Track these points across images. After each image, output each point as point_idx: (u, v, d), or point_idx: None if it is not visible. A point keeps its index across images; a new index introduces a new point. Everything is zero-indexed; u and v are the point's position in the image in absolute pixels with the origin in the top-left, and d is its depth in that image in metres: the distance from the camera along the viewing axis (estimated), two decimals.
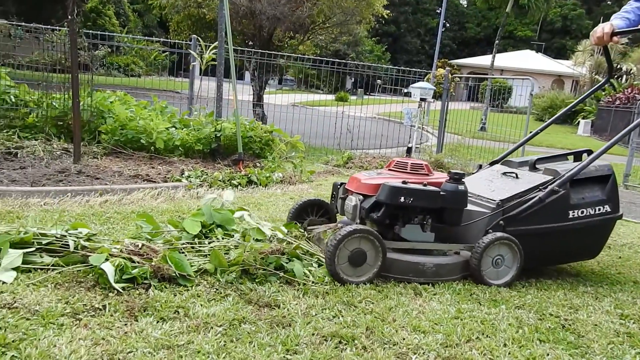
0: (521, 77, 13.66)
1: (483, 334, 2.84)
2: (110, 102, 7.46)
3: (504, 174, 4.24)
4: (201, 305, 2.83)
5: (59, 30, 8.57)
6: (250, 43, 13.69)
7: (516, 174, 4.15)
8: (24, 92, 7.17)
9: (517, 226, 3.76)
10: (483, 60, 39.86)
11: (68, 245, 3.29)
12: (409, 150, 4.36)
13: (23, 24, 7.73)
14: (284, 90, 24.19)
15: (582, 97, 5.10)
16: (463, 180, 3.70)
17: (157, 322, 2.61)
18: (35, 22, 8.52)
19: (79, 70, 6.19)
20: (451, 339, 2.73)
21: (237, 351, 2.40)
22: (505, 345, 2.75)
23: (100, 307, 2.69)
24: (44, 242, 3.29)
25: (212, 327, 2.59)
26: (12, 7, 21.07)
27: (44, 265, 3.10)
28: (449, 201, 3.61)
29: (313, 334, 2.63)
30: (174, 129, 7.45)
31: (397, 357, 2.50)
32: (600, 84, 4.82)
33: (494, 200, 3.82)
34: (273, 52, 11.19)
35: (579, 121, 27.32)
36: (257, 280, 3.21)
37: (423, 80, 12.09)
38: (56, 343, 2.30)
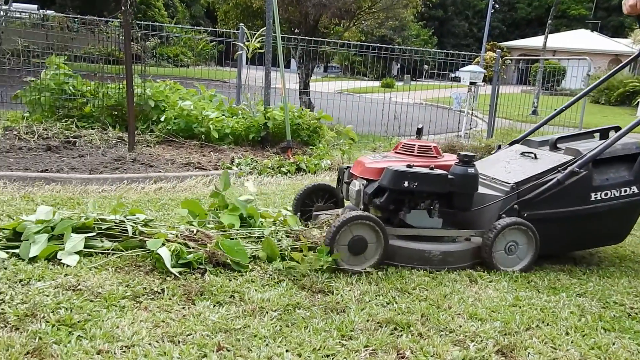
0: (577, 58, 13.12)
1: (543, 322, 2.76)
2: (162, 90, 7.63)
3: (523, 154, 3.99)
4: (256, 290, 2.86)
5: (112, 22, 8.80)
6: (297, 30, 13.68)
7: (534, 155, 3.89)
8: (81, 83, 7.41)
9: (533, 210, 3.54)
10: (534, 42, 38.52)
11: (127, 230, 3.39)
12: (418, 132, 4.09)
13: (79, 16, 7.96)
14: (329, 77, 24.12)
15: (610, 73, 4.69)
16: (473, 162, 3.48)
17: (214, 306, 2.65)
18: (89, 15, 8.77)
19: (132, 61, 6.34)
20: (510, 326, 2.66)
21: (292, 336, 2.41)
22: (567, 333, 2.65)
23: (159, 290, 2.76)
24: (103, 227, 3.41)
25: (267, 312, 2.62)
26: (68, 0, 21.81)
27: (105, 250, 3.20)
28: (457, 185, 3.41)
29: (368, 320, 2.61)
30: (223, 117, 7.54)
31: (454, 344, 2.46)
32: (631, 58, 4.45)
33: (508, 183, 3.61)
34: (319, 39, 11.15)
35: (638, 101, 26.02)
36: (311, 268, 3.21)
37: (472, 64, 11.80)
38: (119, 324, 2.38)
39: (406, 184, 3.32)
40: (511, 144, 4.37)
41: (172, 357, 2.16)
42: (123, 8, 5.73)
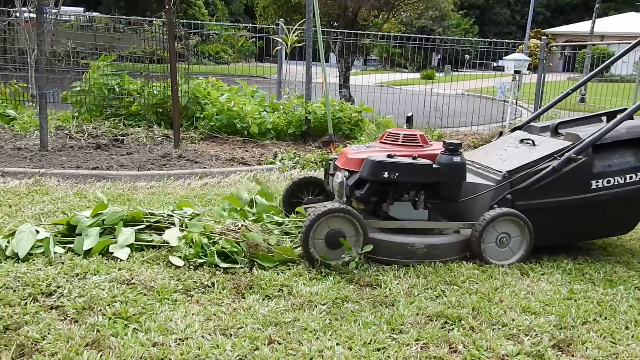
0: (627, 42, 12.60)
1: (600, 316, 2.66)
2: (204, 88, 7.74)
3: (522, 141, 3.79)
4: (303, 284, 2.87)
5: (154, 22, 8.98)
6: (335, 24, 13.64)
7: (532, 141, 3.69)
8: (127, 82, 7.59)
9: (528, 200, 3.36)
10: (581, 27, 37.18)
11: (174, 224, 3.47)
12: (408, 120, 3.87)
13: (124, 17, 8.15)
14: (368, 70, 23.96)
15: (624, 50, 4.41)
16: (460, 150, 3.31)
17: (263, 299, 2.68)
18: (132, 15, 8.97)
19: (176, 59, 6.45)
20: (565, 320, 2.58)
21: (342, 329, 2.41)
22: (627, 327, 2.56)
23: (209, 284, 2.81)
24: (152, 220, 3.49)
25: (316, 306, 2.62)
26: (112, 2, 22.40)
27: (154, 243, 3.27)
28: (443, 175, 3.26)
29: (417, 314, 2.58)
30: (265, 113, 7.60)
31: (508, 338, 2.40)
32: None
33: (500, 172, 3.43)
34: (359, 32, 11.08)
35: None
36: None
37: (515, 53, 11.47)
38: (172, 317, 2.43)
39: (386, 174, 3.18)
40: (513, 130, 4.17)
41: (225, 349, 2.19)
42: (167, 7, 5.83)
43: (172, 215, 3.59)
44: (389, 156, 3.23)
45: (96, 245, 3.13)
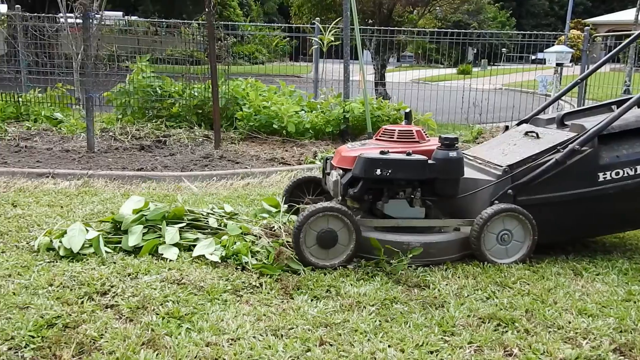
0: None
1: None
2: (243, 89, 7.81)
3: (526, 134, 3.64)
4: (351, 284, 2.86)
5: (191, 24, 9.12)
6: (370, 21, 13.57)
7: (537, 134, 3.54)
8: (168, 84, 7.73)
9: (531, 195, 3.22)
10: (624, 16, 35.94)
11: (214, 222, 3.52)
12: (406, 116, 3.78)
13: (165, 20, 8.30)
14: (403, 67, 23.76)
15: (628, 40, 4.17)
16: (456, 145, 3.20)
17: (312, 300, 2.68)
18: (169, 18, 9.12)
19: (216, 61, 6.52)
20: (625, 323, 2.49)
21: (393, 331, 2.38)
22: None
23: (257, 284, 2.83)
24: (190, 218, 3.56)
25: (365, 307, 2.61)
26: (150, 6, 22.86)
27: (195, 243, 3.31)
28: (439, 171, 3.16)
29: (469, 316, 2.54)
30: (303, 112, 7.61)
31: (565, 342, 2.33)
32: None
33: (500, 167, 3.29)
34: (395, 28, 10.99)
35: None
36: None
37: (554, 45, 11.18)
38: (223, 317, 2.45)
39: (378, 171, 3.11)
40: (519, 123, 4.02)
41: (277, 350, 2.20)
42: (207, 10, 5.90)
43: (211, 214, 3.64)
44: (382, 153, 3.17)
45: (145, 245, 3.20)
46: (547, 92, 9.71)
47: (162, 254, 3.15)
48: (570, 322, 2.49)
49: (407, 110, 3.80)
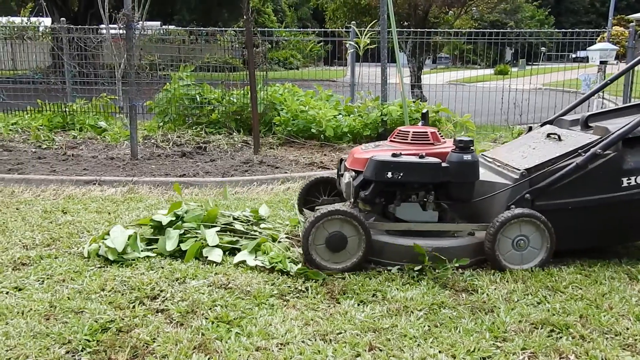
0: None
1: None
2: (280, 94, 7.87)
3: (548, 136, 3.49)
4: (397, 289, 2.83)
5: (227, 31, 9.25)
6: (406, 23, 13.49)
7: (559, 136, 3.39)
8: (208, 91, 7.85)
9: (550, 200, 3.09)
10: None
11: (246, 226, 3.58)
12: (423, 117, 3.69)
13: (203, 28, 8.44)
14: (439, 69, 23.51)
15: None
16: (471, 148, 3.09)
17: (358, 304, 2.67)
18: (205, 26, 9.28)
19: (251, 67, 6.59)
20: None
21: (443, 336, 2.35)
22: None
23: (303, 289, 2.83)
24: (222, 222, 3.62)
25: (412, 311, 2.58)
26: (186, 15, 23.32)
27: (238, 245, 3.36)
28: (453, 174, 3.06)
29: (520, 321, 2.48)
30: (340, 116, 7.62)
31: (624, 348, 2.25)
32: None
33: (518, 170, 3.17)
34: (431, 30, 10.89)
35: None
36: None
37: (595, 42, 10.86)
38: (271, 322, 2.46)
39: (390, 174, 3.04)
40: (543, 124, 3.88)
41: (327, 355, 2.19)
42: (245, 17, 5.97)
43: (237, 219, 3.68)
44: (394, 155, 3.10)
45: (189, 250, 3.24)
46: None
47: (206, 257, 3.20)
48: (628, 328, 2.41)
49: (425, 110, 3.75)
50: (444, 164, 3.09)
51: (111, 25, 8.43)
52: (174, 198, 4.75)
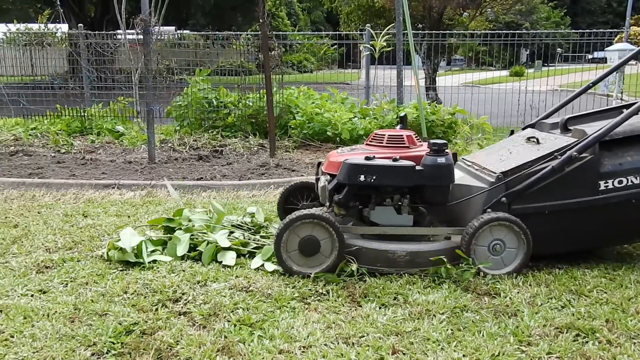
0: None
1: None
2: (296, 97, 7.89)
3: (528, 139, 3.46)
4: (418, 292, 2.82)
5: (242, 35, 9.30)
6: (420, 25, 13.45)
7: (537, 139, 3.35)
8: (224, 95, 7.89)
9: (526, 203, 3.05)
10: None
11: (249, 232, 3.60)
12: (401, 120, 3.68)
13: (218, 33, 8.50)
14: (453, 71, 23.42)
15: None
16: (446, 150, 3.06)
17: (380, 307, 2.66)
18: (219, 31, 9.33)
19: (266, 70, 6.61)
20: None
21: (467, 340, 2.33)
22: None
23: (324, 292, 2.83)
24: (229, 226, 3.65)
25: (434, 315, 2.56)
26: (200, 19, 23.51)
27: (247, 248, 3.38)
28: (427, 177, 3.03)
29: (545, 325, 2.45)
30: (356, 119, 7.61)
31: None
32: None
33: (494, 173, 3.13)
34: (446, 32, 10.85)
35: None
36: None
37: (612, 43, 10.76)
38: (293, 325, 2.46)
39: (362, 177, 3.01)
40: (524, 128, 3.86)
41: (350, 358, 2.19)
42: (261, 21, 6.00)
43: (240, 226, 3.71)
44: (367, 158, 3.08)
45: (204, 254, 3.26)
46: (609, 92, 9.33)
47: (220, 261, 3.22)
48: None
49: (403, 114, 3.73)
50: (418, 167, 3.08)
51: (128, 31, 8.50)
52: (192, 201, 4.78)
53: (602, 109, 3.66)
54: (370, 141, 3.40)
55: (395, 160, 3.09)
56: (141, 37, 6.37)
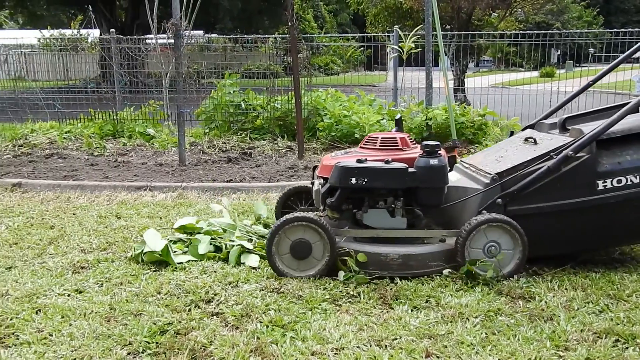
0: None
1: None
2: (324, 99, 7.90)
3: (526, 140, 3.38)
4: (451, 295, 2.78)
5: (269, 38, 9.36)
6: (448, 26, 13.34)
7: (535, 139, 3.27)
8: (252, 98, 7.96)
9: (523, 204, 2.98)
10: None
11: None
12: (397, 123, 3.67)
13: (247, 36, 8.57)
14: (481, 72, 23.13)
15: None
16: (439, 152, 3.01)
17: (412, 310, 2.64)
18: (247, 34, 9.43)
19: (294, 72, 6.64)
20: None
21: (502, 344, 2.29)
22: None
23: (355, 294, 2.82)
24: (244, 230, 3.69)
25: (468, 318, 2.53)
26: (228, 23, 23.76)
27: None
28: (420, 179, 2.99)
29: (582, 330, 2.40)
30: (384, 121, 7.58)
31: None
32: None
33: (489, 174, 3.06)
34: (475, 32, 10.73)
35: None
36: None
37: None
38: (325, 327, 2.46)
39: (354, 180, 2.98)
40: (524, 128, 3.78)
41: None
42: (290, 23, 6.03)
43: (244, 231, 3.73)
44: (359, 161, 3.05)
45: (231, 254, 3.31)
46: None
47: (244, 262, 3.25)
48: None
49: (398, 116, 3.71)
50: (410, 169, 3.05)
51: (159, 35, 8.65)
52: (222, 204, 4.82)
53: (601, 107, 3.59)
54: (364, 144, 3.42)
55: (387, 162, 3.08)
56: (171, 41, 6.46)
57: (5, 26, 34.99)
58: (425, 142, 3.08)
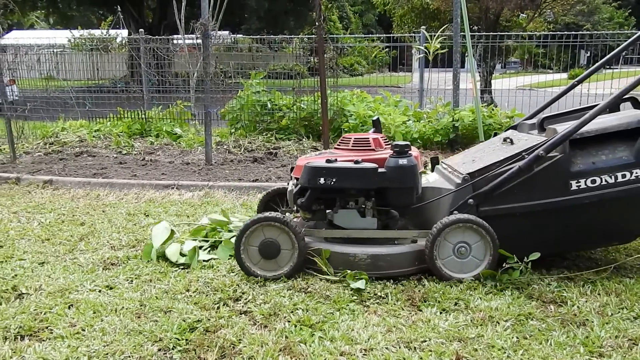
0: None
1: None
2: (349, 100, 7.89)
3: (504, 140, 3.32)
4: (480, 298, 2.75)
5: (295, 39, 9.38)
6: (476, 27, 13.20)
7: (512, 140, 3.20)
8: (278, 98, 7.99)
9: (495, 205, 2.92)
10: None
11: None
12: (374, 124, 3.65)
13: (274, 36, 8.61)
14: (509, 73, 22.83)
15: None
16: (409, 152, 2.97)
17: (440, 312, 2.61)
18: (273, 34, 9.46)
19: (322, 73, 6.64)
20: None
21: (534, 349, 2.25)
22: None
23: (383, 295, 2.80)
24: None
25: (498, 322, 2.49)
26: (254, 23, 23.92)
27: None
28: (389, 179, 2.95)
29: (617, 336, 2.34)
30: (410, 122, 7.54)
31: None
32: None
33: (461, 174, 3.01)
34: (503, 33, 10.59)
35: None
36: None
37: None
38: (353, 327, 2.45)
39: (322, 180, 2.97)
40: (507, 129, 3.72)
41: None
42: (317, 24, 6.03)
43: None
44: (328, 161, 3.04)
45: None
46: None
47: None
48: None
49: (375, 117, 3.70)
50: (380, 170, 3.02)
51: (187, 35, 8.75)
52: (248, 202, 4.85)
53: (580, 107, 3.52)
54: (338, 145, 3.42)
55: (357, 162, 3.06)
56: (199, 41, 6.52)
57: (37, 26, 35.80)
58: (395, 142, 3.09)
